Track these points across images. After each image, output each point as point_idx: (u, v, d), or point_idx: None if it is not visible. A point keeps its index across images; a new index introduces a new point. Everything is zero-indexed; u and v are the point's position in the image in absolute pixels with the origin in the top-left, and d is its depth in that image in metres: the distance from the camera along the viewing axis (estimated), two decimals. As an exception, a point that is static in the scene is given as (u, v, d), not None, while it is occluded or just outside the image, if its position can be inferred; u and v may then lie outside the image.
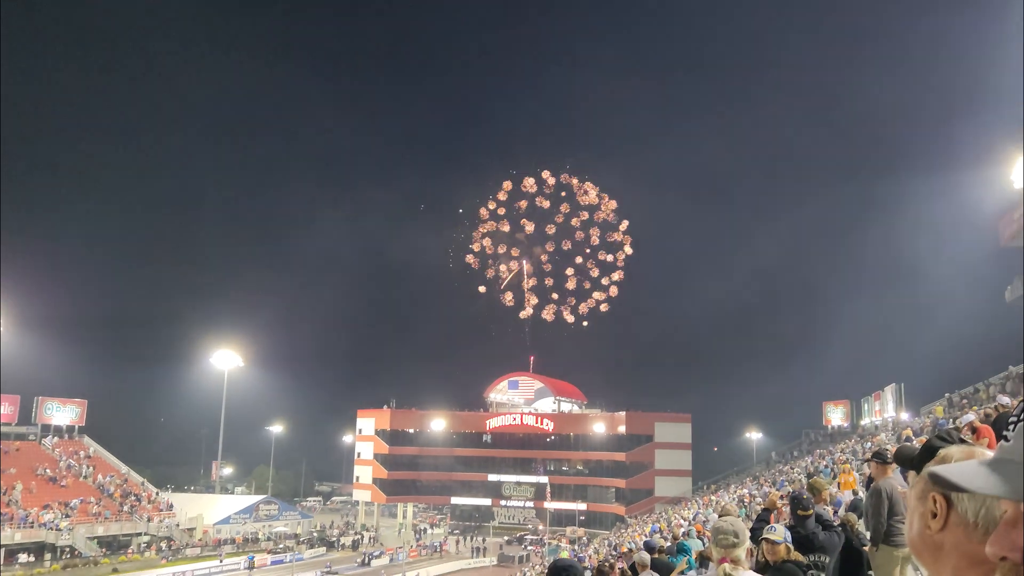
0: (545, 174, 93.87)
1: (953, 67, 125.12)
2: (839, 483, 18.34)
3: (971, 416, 14.55)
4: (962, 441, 1.58)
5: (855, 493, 15.93)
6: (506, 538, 79.29)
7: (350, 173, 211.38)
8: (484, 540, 78.03)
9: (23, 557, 55.90)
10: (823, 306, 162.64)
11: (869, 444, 33.78)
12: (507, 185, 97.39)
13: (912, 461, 1.61)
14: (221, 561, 62.72)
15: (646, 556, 11.40)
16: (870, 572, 8.11)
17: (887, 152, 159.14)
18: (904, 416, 56.74)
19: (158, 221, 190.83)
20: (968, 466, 1.34)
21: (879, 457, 8.50)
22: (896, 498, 7.68)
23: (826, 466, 32.16)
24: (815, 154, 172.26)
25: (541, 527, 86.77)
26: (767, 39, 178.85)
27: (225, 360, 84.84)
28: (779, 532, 6.58)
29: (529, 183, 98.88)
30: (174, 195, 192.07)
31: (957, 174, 78.27)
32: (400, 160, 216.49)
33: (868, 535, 8.36)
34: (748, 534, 4.48)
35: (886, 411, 64.20)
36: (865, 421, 70.71)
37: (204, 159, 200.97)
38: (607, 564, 17.58)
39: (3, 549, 55.99)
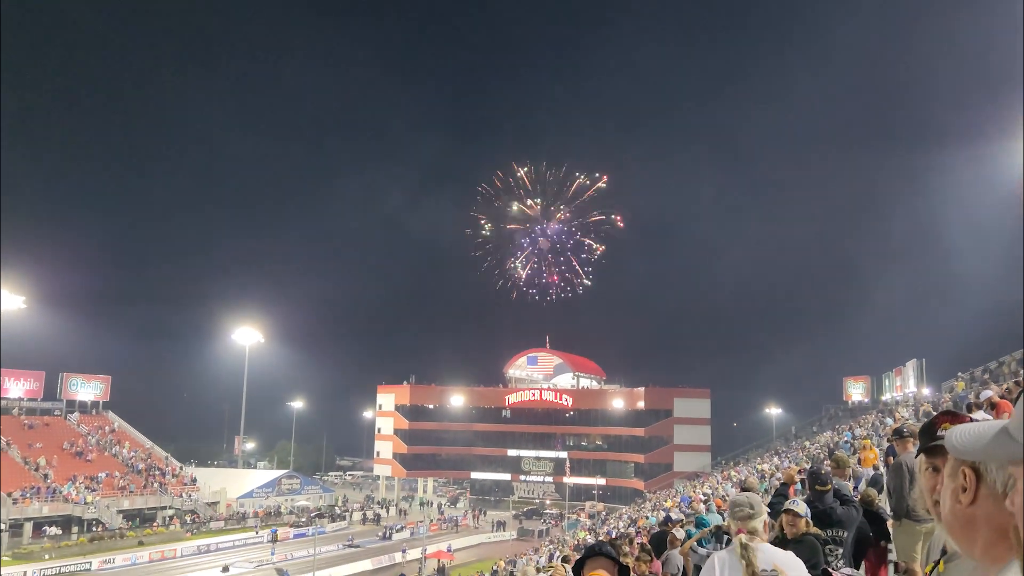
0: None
1: (976, 38, 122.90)
2: (859, 459, 18.25)
3: (991, 391, 14.42)
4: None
5: (875, 468, 15.84)
6: (513, 512, 79.49)
7: (370, 149, 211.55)
8: (484, 514, 78.99)
9: (51, 530, 56.95)
10: (844, 281, 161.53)
11: (890, 420, 33.62)
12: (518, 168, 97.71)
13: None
14: (257, 532, 63.67)
15: (680, 532, 11.47)
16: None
17: (909, 125, 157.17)
18: (925, 391, 56.39)
19: (180, 199, 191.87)
20: (969, 431, 1.36)
21: (899, 434, 8.48)
22: (914, 470, 7.63)
23: (846, 441, 32.02)
24: (838, 128, 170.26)
25: (548, 502, 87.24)
26: (792, 9, 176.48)
27: (246, 336, 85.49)
28: (802, 506, 6.59)
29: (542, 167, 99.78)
30: (197, 173, 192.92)
31: (981, 147, 77.11)
32: (420, 136, 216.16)
33: (890, 510, 8.33)
34: (764, 507, 4.46)
35: (907, 386, 63.84)
36: (886, 396, 70.35)
37: (228, 138, 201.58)
38: (626, 539, 17.65)
39: (31, 522, 57.09)
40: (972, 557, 1.42)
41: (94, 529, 59.17)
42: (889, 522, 8.15)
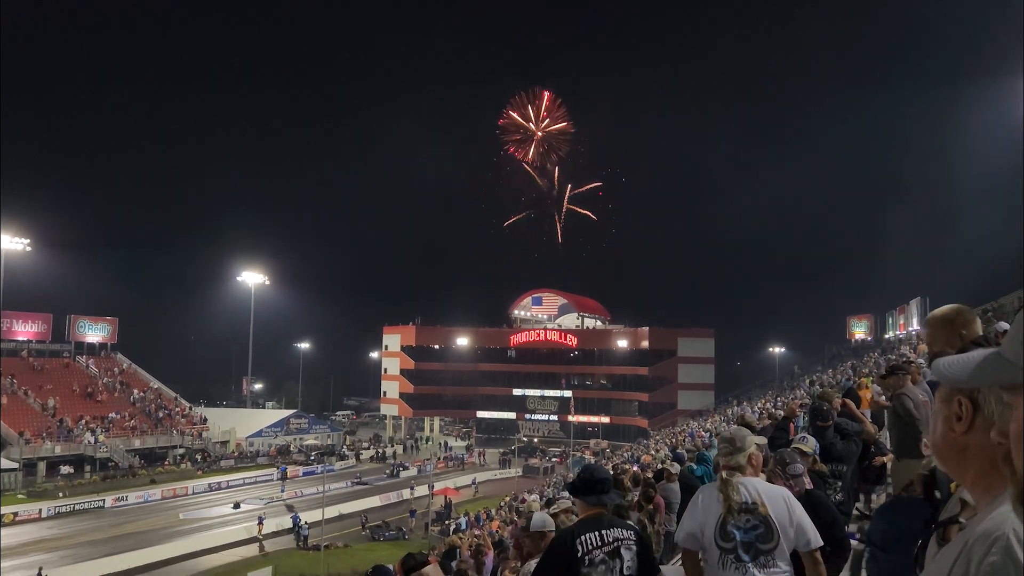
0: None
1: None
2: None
3: (1005, 324, 14.42)
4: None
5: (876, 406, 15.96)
6: (502, 451, 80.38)
7: (377, 90, 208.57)
8: (482, 453, 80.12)
9: (64, 469, 57.99)
10: (848, 220, 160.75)
11: (892, 357, 33.76)
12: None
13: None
14: (277, 469, 64.77)
15: (677, 466, 11.67)
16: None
17: (913, 61, 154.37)
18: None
19: (187, 140, 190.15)
20: (958, 359, 1.36)
21: (893, 371, 8.53)
22: (919, 406, 7.68)
23: (848, 379, 32.20)
24: (842, 66, 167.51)
25: (535, 441, 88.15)
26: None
27: (252, 278, 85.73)
28: (811, 444, 6.64)
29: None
30: (204, 115, 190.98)
31: (986, 83, 75.89)
32: (425, 76, 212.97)
33: (889, 446, 8.41)
34: (752, 441, 4.53)
35: (910, 325, 63.94)
36: (889, 335, 70.53)
37: (234, 78, 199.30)
38: (620, 469, 17.91)
39: (45, 461, 58.11)
40: (963, 485, 1.44)
41: (109, 468, 60.22)
42: (887, 456, 8.24)
